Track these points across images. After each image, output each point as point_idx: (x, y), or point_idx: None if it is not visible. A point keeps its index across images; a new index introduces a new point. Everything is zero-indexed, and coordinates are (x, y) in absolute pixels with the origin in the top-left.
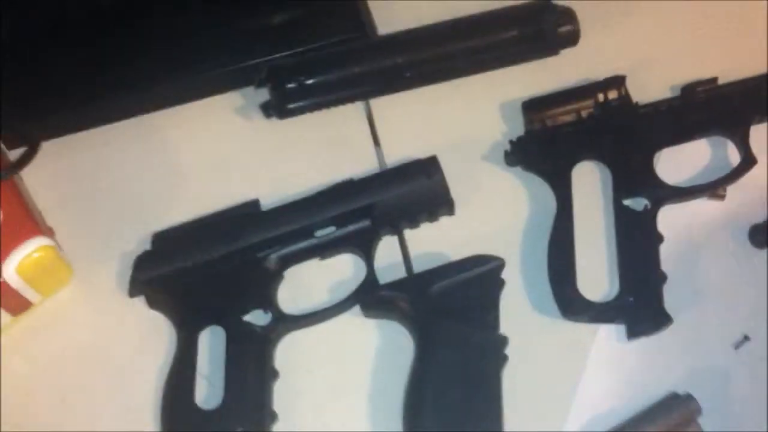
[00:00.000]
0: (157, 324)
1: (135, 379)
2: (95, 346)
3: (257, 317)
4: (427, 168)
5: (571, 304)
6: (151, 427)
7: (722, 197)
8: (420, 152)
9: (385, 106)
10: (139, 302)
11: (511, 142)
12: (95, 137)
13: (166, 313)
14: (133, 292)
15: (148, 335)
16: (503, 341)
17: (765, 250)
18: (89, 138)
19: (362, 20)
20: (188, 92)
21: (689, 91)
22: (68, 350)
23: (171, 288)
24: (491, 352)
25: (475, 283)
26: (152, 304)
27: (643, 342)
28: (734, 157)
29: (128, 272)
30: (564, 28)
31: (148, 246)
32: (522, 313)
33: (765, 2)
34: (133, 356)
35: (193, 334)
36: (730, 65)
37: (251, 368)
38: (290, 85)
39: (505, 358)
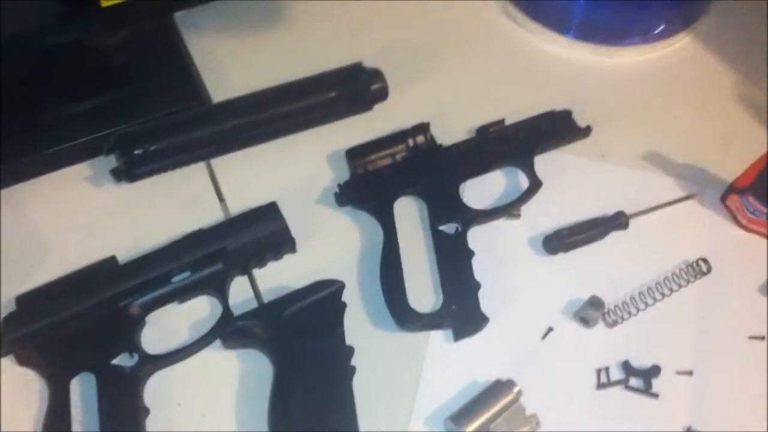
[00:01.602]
0: (28, 380)
1: None
2: None
3: (124, 360)
4: (269, 212)
5: (404, 316)
6: None
7: (518, 216)
8: (260, 202)
9: (226, 164)
10: (7, 361)
11: (339, 185)
12: None
13: (36, 367)
14: (2, 352)
15: (20, 392)
16: (350, 351)
17: (557, 255)
18: None
19: (198, 90)
20: (41, 166)
21: (482, 131)
22: None
23: (39, 343)
24: (341, 362)
25: (320, 304)
26: (21, 361)
27: (468, 341)
28: (524, 182)
29: None
30: (375, 87)
31: (13, 308)
32: (364, 330)
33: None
34: (8, 413)
35: (65, 383)
36: (514, 108)
37: (123, 407)
38: (137, 152)
39: (353, 368)
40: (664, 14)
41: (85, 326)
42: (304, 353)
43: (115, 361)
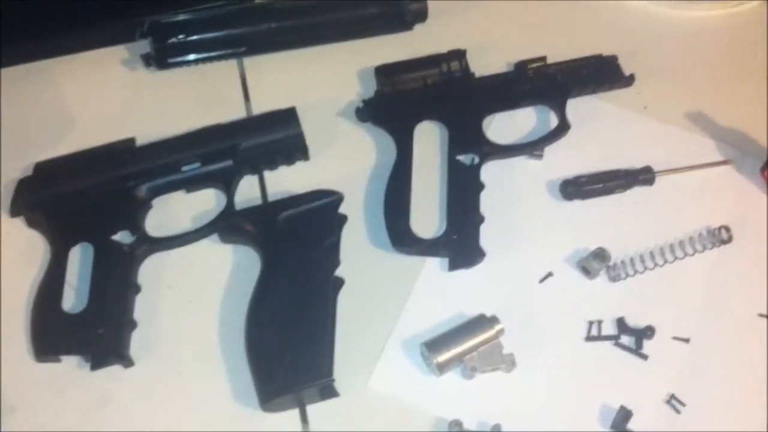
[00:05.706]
0: (34, 241)
1: (12, 289)
2: None
3: (124, 237)
4: (286, 117)
5: (401, 237)
6: (23, 331)
7: (540, 157)
8: (285, 106)
9: (257, 64)
10: (18, 222)
11: (363, 101)
12: None
13: (43, 231)
14: (13, 212)
15: (25, 251)
16: (336, 263)
17: (573, 202)
18: None
19: None
20: (78, 43)
21: (521, 66)
22: None
23: (48, 210)
24: (326, 272)
25: (316, 212)
26: (30, 223)
27: (464, 274)
28: (555, 123)
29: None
30: (415, 5)
31: (30, 174)
32: (361, 246)
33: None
34: (11, 269)
35: (65, 249)
36: (560, 48)
37: (114, 280)
38: (171, 40)
39: (340, 281)
40: None
41: (93, 200)
42: (292, 257)
43: (115, 237)
